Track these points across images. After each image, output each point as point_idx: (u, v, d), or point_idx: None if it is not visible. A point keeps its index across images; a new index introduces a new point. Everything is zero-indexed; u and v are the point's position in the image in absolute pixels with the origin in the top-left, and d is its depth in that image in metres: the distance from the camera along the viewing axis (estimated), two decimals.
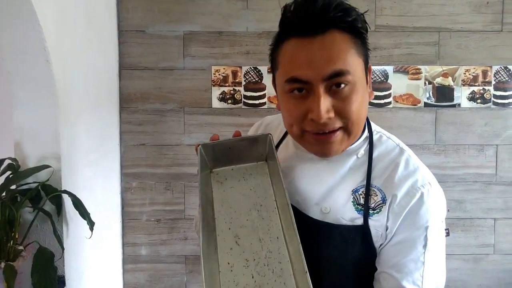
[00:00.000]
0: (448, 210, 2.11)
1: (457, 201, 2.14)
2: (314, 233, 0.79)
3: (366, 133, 0.85)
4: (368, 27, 0.76)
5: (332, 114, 0.71)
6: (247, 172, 0.87)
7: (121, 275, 2.13)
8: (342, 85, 0.70)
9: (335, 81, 0.70)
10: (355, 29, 0.72)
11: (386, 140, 0.85)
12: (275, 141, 0.96)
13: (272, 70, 0.81)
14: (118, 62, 2.05)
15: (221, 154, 0.86)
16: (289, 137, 0.92)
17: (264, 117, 1.06)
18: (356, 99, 0.72)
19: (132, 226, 2.13)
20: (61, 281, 1.43)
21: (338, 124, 0.72)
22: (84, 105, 1.66)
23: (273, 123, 1.01)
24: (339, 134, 0.74)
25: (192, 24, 2.06)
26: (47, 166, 1.35)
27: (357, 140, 0.83)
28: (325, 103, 0.70)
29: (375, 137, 0.85)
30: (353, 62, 0.71)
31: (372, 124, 0.87)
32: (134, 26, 2.05)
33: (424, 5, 2.07)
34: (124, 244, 2.13)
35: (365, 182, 0.80)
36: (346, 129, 0.74)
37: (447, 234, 0.80)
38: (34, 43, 1.30)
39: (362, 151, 0.83)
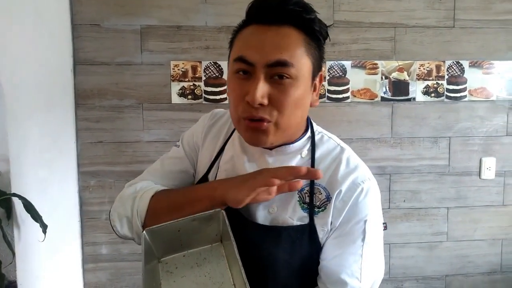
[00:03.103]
0: (404, 201, 2.20)
1: (413, 192, 2.22)
2: (263, 239, 0.80)
3: (308, 133, 0.87)
4: (328, 36, 0.79)
5: (265, 101, 0.73)
6: (201, 256, 0.77)
7: (81, 275, 2.09)
8: (284, 77, 0.73)
9: (277, 71, 0.72)
10: (311, 29, 0.75)
11: (328, 140, 0.89)
12: (223, 139, 0.94)
13: (229, 55, 0.83)
14: (72, 57, 1.98)
15: (170, 239, 0.76)
16: (235, 134, 0.92)
17: (212, 110, 1.01)
18: (294, 94, 0.74)
19: (91, 225, 2.08)
20: (13, 286, 1.39)
21: (268, 116, 0.74)
22: (35, 103, 1.60)
23: (222, 118, 0.98)
24: (267, 125, 0.75)
25: (150, 17, 2.01)
26: None
27: (300, 139, 0.85)
28: (262, 87, 0.72)
29: (317, 137, 0.88)
30: (299, 59, 0.74)
31: (314, 124, 0.91)
32: (89, 19, 1.98)
33: (380, 1, 2.11)
34: (83, 244, 2.09)
35: (309, 181, 0.82)
36: (276, 123, 0.76)
37: (385, 228, 0.84)
38: None
39: (306, 150, 0.85)
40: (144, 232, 0.73)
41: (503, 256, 2.32)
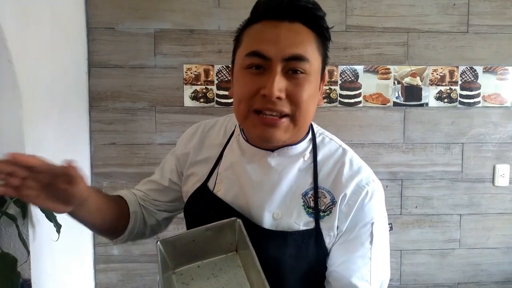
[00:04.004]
0: (415, 207, 2.18)
1: (425, 198, 2.20)
2: (268, 243, 0.79)
3: (310, 135, 0.86)
4: (330, 39, 0.80)
5: (283, 95, 0.73)
6: (217, 267, 0.75)
7: (92, 275, 2.11)
8: (299, 72, 0.73)
9: (293, 65, 0.73)
10: (320, 28, 0.76)
11: (329, 141, 0.88)
12: (220, 146, 0.92)
13: (234, 51, 0.83)
14: (87, 60, 2.01)
15: (184, 249, 0.75)
16: (233, 140, 0.91)
17: (201, 122, 1.01)
18: (309, 89, 0.75)
19: None
20: (27, 284, 1.41)
21: (286, 109, 0.74)
22: (51, 104, 1.63)
23: (215, 127, 0.98)
24: (285, 121, 0.75)
25: (163, 21, 2.04)
26: None
27: (302, 141, 0.84)
28: (279, 81, 0.72)
29: (318, 139, 0.87)
30: (312, 55, 0.75)
31: (314, 125, 0.90)
32: (104, 23, 2.01)
33: (393, 6, 2.10)
34: (95, 244, 2.11)
35: (313, 185, 0.82)
36: (293, 118, 0.75)
37: (391, 229, 0.85)
38: None
39: (308, 153, 0.84)
40: (158, 243, 0.72)
41: None
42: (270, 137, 0.76)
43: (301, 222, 0.80)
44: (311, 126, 0.88)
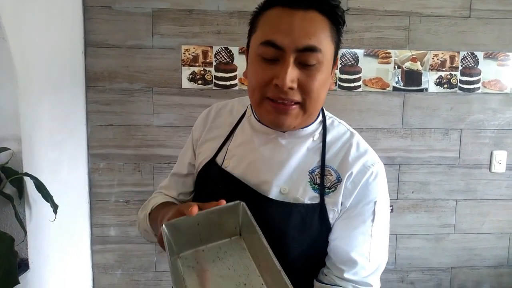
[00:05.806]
0: (412, 192, 2.19)
1: (422, 183, 2.20)
2: (274, 214, 0.82)
3: (320, 117, 0.90)
4: (345, 23, 0.80)
5: (295, 85, 0.75)
6: (221, 250, 0.76)
7: (89, 255, 2.12)
8: (311, 62, 0.74)
9: (306, 56, 0.74)
10: (335, 15, 0.77)
11: (338, 124, 0.92)
12: (230, 125, 0.96)
13: (249, 34, 0.84)
14: (83, 39, 1.97)
15: (189, 233, 0.75)
16: (245, 120, 0.94)
17: (212, 105, 1.04)
18: (320, 79, 0.76)
19: (100, 207, 2.10)
20: (25, 264, 1.41)
21: (297, 97, 0.76)
22: (46, 84, 1.61)
23: (225, 108, 1.01)
24: (295, 108, 0.78)
25: (161, 1, 1.99)
26: (6, 149, 1.30)
27: (313, 123, 0.88)
28: (292, 72, 0.74)
29: (328, 121, 0.91)
30: (326, 45, 0.76)
31: (324, 109, 0.93)
32: (100, 1, 1.97)
33: None
34: (92, 225, 2.11)
35: (320, 163, 0.85)
36: (303, 106, 0.78)
37: (391, 210, 0.87)
38: None
39: (317, 134, 0.88)
40: (163, 225, 0.72)
41: (510, 250, 2.31)
42: (281, 123, 0.80)
43: (307, 196, 0.83)
44: (322, 109, 0.91)
